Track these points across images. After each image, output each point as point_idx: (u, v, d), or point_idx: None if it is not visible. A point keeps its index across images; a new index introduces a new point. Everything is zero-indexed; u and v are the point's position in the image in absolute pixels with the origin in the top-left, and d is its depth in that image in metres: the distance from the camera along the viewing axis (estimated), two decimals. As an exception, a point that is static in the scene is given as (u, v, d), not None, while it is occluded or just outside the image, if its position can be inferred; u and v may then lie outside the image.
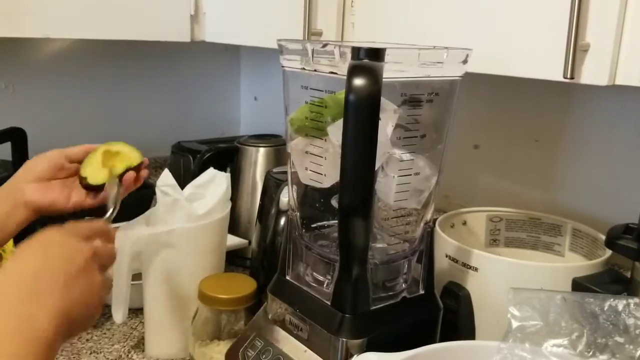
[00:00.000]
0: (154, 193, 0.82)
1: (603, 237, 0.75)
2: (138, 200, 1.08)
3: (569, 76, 0.61)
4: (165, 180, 0.81)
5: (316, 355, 0.64)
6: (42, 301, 0.47)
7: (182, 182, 0.84)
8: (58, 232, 0.54)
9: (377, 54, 0.56)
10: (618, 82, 0.61)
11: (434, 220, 0.81)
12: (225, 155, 1.15)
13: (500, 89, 1.04)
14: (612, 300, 0.58)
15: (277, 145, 1.15)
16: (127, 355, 0.84)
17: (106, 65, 1.43)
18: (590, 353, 0.57)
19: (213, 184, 0.84)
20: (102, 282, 0.55)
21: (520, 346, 0.58)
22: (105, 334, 0.89)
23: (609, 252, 0.75)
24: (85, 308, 0.52)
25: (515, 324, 0.60)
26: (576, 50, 0.60)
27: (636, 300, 0.57)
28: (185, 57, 1.52)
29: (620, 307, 0.57)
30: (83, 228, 0.58)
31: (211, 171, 0.86)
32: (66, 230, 0.55)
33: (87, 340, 0.87)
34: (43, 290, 0.48)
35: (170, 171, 0.82)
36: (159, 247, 0.79)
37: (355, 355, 0.61)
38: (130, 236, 0.77)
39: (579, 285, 0.70)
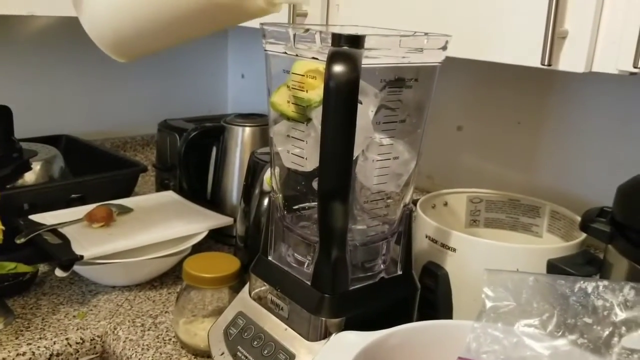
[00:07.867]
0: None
1: (579, 220, 0.76)
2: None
3: (546, 63, 0.62)
4: None
5: (296, 333, 0.66)
6: None
7: (169, 159, 0.84)
8: None
9: (357, 40, 0.56)
10: (595, 69, 0.62)
11: (414, 202, 0.82)
12: (212, 134, 1.15)
13: (483, 72, 1.05)
14: (582, 282, 0.60)
15: (263, 125, 1.15)
16: (114, 332, 0.86)
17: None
18: (560, 333, 0.58)
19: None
20: None
21: (493, 326, 0.59)
22: (92, 310, 0.91)
23: (584, 234, 0.77)
24: None
25: (489, 304, 0.61)
26: (554, 37, 0.61)
27: (605, 282, 0.59)
28: (172, 34, 1.51)
29: (589, 289, 0.59)
30: None
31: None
32: None
33: (74, 317, 0.88)
34: None
35: (157, 149, 0.83)
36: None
37: (334, 334, 0.63)
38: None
39: (553, 266, 0.72)
